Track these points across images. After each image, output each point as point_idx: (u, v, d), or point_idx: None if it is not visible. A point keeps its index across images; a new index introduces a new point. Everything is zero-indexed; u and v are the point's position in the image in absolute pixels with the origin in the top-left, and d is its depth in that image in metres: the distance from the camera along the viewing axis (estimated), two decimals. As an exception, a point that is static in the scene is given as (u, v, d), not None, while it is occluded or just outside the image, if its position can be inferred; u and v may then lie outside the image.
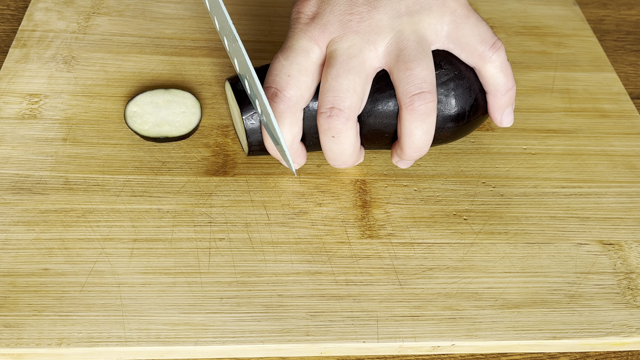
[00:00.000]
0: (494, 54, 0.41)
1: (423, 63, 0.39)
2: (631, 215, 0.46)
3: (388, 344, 0.38)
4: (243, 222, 0.43)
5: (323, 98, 0.40)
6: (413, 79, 0.39)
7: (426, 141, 0.41)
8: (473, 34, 0.41)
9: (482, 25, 0.42)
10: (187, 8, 0.58)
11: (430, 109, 0.39)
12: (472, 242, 0.43)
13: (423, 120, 0.39)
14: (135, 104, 0.48)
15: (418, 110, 0.39)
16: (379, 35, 0.40)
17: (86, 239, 0.41)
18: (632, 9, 0.66)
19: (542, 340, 0.39)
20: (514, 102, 0.44)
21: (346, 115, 0.39)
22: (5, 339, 0.36)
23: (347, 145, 0.41)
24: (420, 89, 0.39)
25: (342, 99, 0.39)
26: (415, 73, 0.39)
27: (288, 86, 0.40)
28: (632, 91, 0.57)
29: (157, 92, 0.49)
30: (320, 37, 0.41)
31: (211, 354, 0.38)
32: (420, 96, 0.39)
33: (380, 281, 0.41)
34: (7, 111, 0.48)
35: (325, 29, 0.41)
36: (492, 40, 0.41)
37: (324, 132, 0.40)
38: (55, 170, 0.44)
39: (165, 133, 0.46)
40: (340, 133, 0.40)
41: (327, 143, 0.41)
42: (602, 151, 0.50)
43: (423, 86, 0.39)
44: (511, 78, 0.42)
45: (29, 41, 0.53)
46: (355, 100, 0.39)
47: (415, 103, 0.39)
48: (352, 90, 0.39)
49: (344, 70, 0.39)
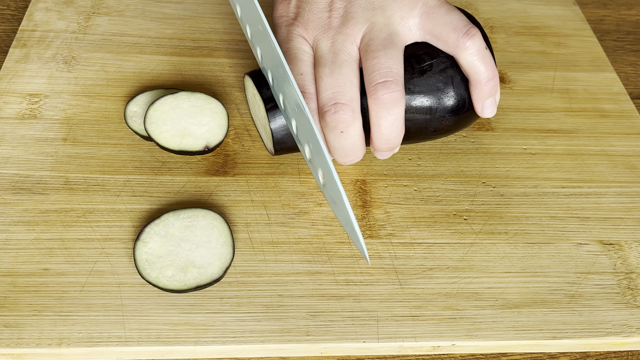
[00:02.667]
0: (467, 41, 0.40)
1: (390, 53, 0.39)
2: (631, 215, 0.46)
3: (388, 344, 0.38)
4: (243, 222, 0.43)
5: (323, 96, 0.40)
6: (378, 67, 0.39)
7: (394, 133, 0.40)
8: (444, 22, 0.41)
9: (454, 14, 0.41)
10: (187, 8, 0.58)
11: (395, 98, 0.39)
12: (472, 242, 0.43)
13: (388, 110, 0.39)
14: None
15: (382, 99, 0.39)
16: (355, 27, 0.41)
17: (86, 239, 0.41)
18: (632, 9, 0.66)
19: (542, 340, 0.39)
20: (497, 92, 0.43)
21: (351, 108, 0.39)
22: (5, 339, 0.36)
23: (356, 138, 0.40)
24: (385, 78, 0.39)
25: (342, 93, 0.39)
26: (381, 62, 0.39)
27: (306, 83, 0.40)
28: (632, 91, 0.57)
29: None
30: (306, 34, 0.42)
31: (211, 354, 0.38)
32: (384, 85, 0.39)
33: (380, 281, 0.41)
34: (7, 111, 0.48)
35: (308, 26, 0.42)
36: (465, 27, 0.41)
37: (331, 129, 0.40)
38: (55, 170, 0.44)
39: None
40: (348, 127, 0.40)
41: (336, 140, 0.40)
42: (602, 151, 0.50)
43: (388, 74, 0.39)
44: (491, 66, 0.41)
45: (29, 41, 0.53)
46: (355, 92, 0.40)
47: (379, 92, 0.39)
48: (350, 83, 0.40)
49: (335, 66, 0.40)
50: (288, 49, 0.42)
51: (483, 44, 0.41)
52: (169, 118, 0.46)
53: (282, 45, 0.42)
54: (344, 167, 0.47)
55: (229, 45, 0.55)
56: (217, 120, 0.46)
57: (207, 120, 0.46)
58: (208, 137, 0.46)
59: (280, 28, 0.43)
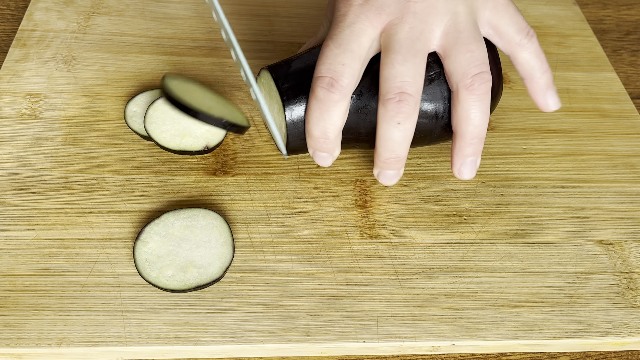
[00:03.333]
0: (529, 42, 0.42)
1: (481, 46, 0.40)
2: (631, 215, 0.46)
3: (388, 343, 0.38)
4: (243, 222, 0.43)
5: (390, 84, 0.39)
6: (473, 60, 0.39)
7: (484, 124, 0.41)
8: (512, 22, 0.42)
9: (518, 15, 0.43)
10: (187, 8, 0.58)
11: (488, 88, 0.40)
12: (472, 242, 0.43)
13: (482, 99, 0.40)
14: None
15: (479, 89, 0.39)
16: (437, 17, 0.40)
17: (86, 239, 0.41)
18: (632, 9, 0.66)
19: (542, 340, 0.39)
20: (553, 85, 0.44)
21: (415, 100, 0.39)
22: (5, 338, 0.36)
23: (409, 132, 0.40)
24: (481, 69, 0.39)
25: (410, 83, 0.39)
26: (476, 55, 0.39)
27: (344, 75, 0.39)
28: (632, 91, 0.57)
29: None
30: (377, 19, 0.40)
31: (211, 354, 0.38)
32: (480, 76, 0.39)
33: (380, 281, 0.41)
34: (7, 111, 0.48)
35: (382, 10, 0.40)
36: (527, 29, 0.42)
37: (389, 119, 0.39)
38: (55, 170, 0.44)
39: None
40: (407, 119, 0.39)
41: (389, 132, 0.40)
42: (602, 151, 0.50)
43: (482, 66, 0.39)
44: (545, 62, 0.43)
45: (29, 41, 0.53)
46: (421, 85, 0.39)
47: (476, 83, 0.39)
48: (419, 75, 0.39)
49: (410, 54, 0.39)
50: (343, 32, 0.40)
51: (536, 44, 0.43)
52: (169, 118, 0.46)
53: (339, 25, 0.40)
54: (345, 166, 0.47)
55: (229, 45, 0.55)
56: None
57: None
58: (208, 137, 0.46)
59: (347, 6, 0.41)
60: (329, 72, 0.39)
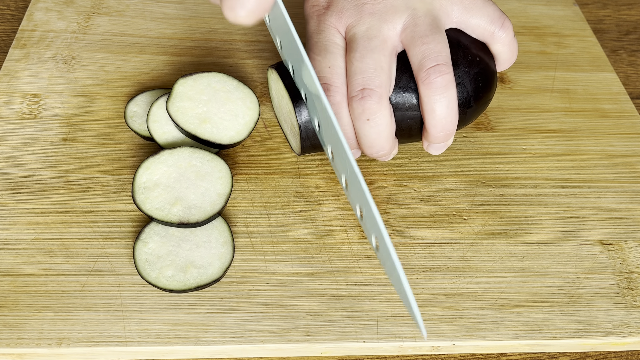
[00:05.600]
0: (503, 34, 0.43)
1: (438, 37, 0.40)
2: (631, 215, 0.46)
3: (388, 343, 0.38)
4: (243, 222, 0.43)
5: (352, 82, 0.40)
6: (428, 52, 0.39)
7: (449, 117, 0.40)
8: (482, 14, 0.42)
9: (489, 6, 0.43)
10: (187, 8, 0.58)
11: (448, 80, 0.39)
12: (472, 242, 0.43)
13: (442, 93, 0.40)
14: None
15: (435, 83, 0.39)
16: (395, 14, 0.40)
17: (86, 239, 0.41)
18: (632, 9, 0.66)
19: (542, 340, 0.39)
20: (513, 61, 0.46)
21: (378, 94, 0.39)
22: (5, 339, 0.36)
23: (382, 127, 0.40)
24: (436, 62, 0.39)
25: (370, 78, 0.39)
26: (431, 47, 0.40)
27: (334, 76, 0.40)
28: (632, 91, 0.57)
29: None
30: (339, 23, 0.41)
31: (211, 354, 0.38)
32: (436, 69, 0.39)
33: (380, 281, 0.41)
34: (7, 111, 0.48)
35: (342, 14, 0.41)
36: (501, 20, 0.43)
37: (358, 116, 0.40)
38: (55, 170, 0.44)
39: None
40: (374, 114, 0.39)
41: (362, 128, 0.40)
42: (602, 151, 0.50)
43: (438, 58, 0.39)
44: (515, 52, 0.45)
45: (29, 41, 0.53)
46: (385, 79, 0.40)
47: (431, 76, 0.39)
48: (380, 69, 0.39)
49: (367, 51, 0.39)
50: (318, 41, 0.41)
51: (512, 34, 0.43)
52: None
53: (313, 37, 0.42)
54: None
55: (229, 45, 0.55)
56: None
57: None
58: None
59: (312, 19, 0.43)
60: (321, 79, 0.40)
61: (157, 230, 0.40)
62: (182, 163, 0.42)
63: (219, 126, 0.44)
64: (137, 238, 0.40)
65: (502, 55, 0.44)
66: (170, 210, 0.40)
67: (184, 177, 0.42)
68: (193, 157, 0.42)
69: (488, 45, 0.44)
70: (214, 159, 0.43)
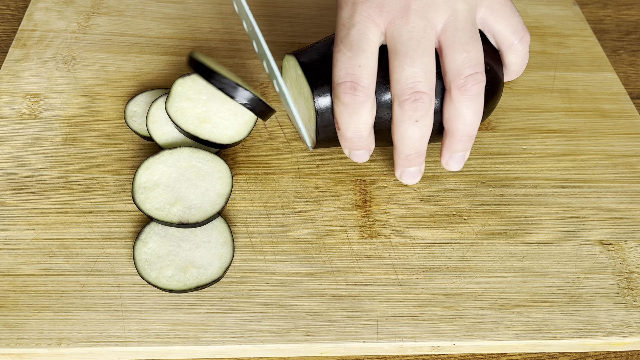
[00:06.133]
0: (520, 46, 0.43)
1: (478, 46, 0.40)
2: (631, 215, 0.46)
3: (388, 344, 0.38)
4: (243, 222, 0.43)
5: (403, 85, 0.39)
6: (469, 60, 0.39)
7: (475, 123, 0.41)
8: (507, 23, 0.42)
9: (515, 16, 0.42)
10: (187, 8, 0.58)
11: (481, 89, 0.40)
12: (472, 242, 0.43)
13: (474, 100, 0.40)
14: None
15: (471, 90, 0.39)
16: (437, 13, 0.40)
17: (86, 239, 0.41)
18: (632, 9, 0.66)
19: (542, 340, 0.39)
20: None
21: (429, 97, 0.39)
22: (5, 339, 0.36)
23: (427, 129, 0.41)
24: (475, 70, 0.39)
25: (422, 82, 0.39)
26: (472, 55, 0.40)
27: (362, 76, 0.39)
28: (632, 91, 0.57)
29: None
30: (378, 17, 0.40)
31: (211, 354, 0.38)
32: (474, 77, 0.39)
33: (380, 281, 0.41)
34: (7, 111, 0.48)
35: (383, 8, 0.40)
36: (522, 32, 0.42)
37: (407, 118, 0.40)
38: (55, 170, 0.44)
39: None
40: (424, 116, 0.40)
41: (409, 130, 0.40)
42: (602, 151, 0.50)
43: (477, 67, 0.40)
44: (525, 65, 0.44)
45: (29, 41, 0.53)
46: (434, 82, 0.40)
47: (469, 83, 0.39)
48: (431, 72, 0.39)
49: (418, 54, 0.39)
50: (349, 34, 0.40)
51: (528, 48, 0.43)
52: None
53: (345, 28, 0.40)
54: (345, 166, 0.47)
55: (229, 45, 0.55)
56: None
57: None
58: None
59: (347, 5, 0.41)
60: (348, 76, 0.39)
61: (157, 230, 0.40)
62: (182, 163, 0.42)
63: (218, 126, 0.44)
64: (137, 238, 0.40)
65: (513, 67, 0.44)
66: (170, 210, 0.40)
67: (184, 177, 0.42)
68: (193, 157, 0.42)
69: (502, 54, 0.43)
70: (214, 159, 0.43)
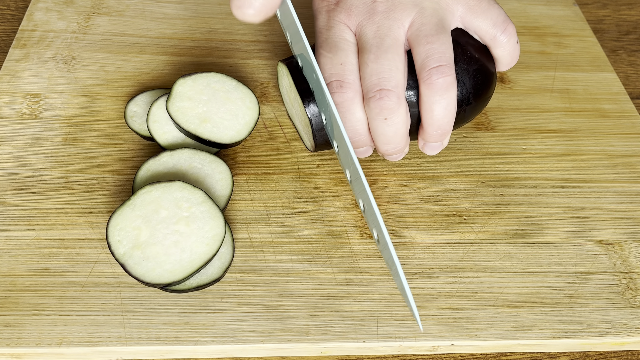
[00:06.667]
0: (504, 38, 0.43)
1: (442, 38, 0.40)
2: (631, 215, 0.46)
3: (388, 343, 0.38)
4: (243, 222, 0.43)
5: (368, 82, 0.40)
6: (432, 52, 0.39)
7: (446, 118, 0.41)
8: (485, 17, 0.42)
9: (494, 9, 0.42)
10: (187, 8, 0.58)
11: (449, 82, 0.40)
12: (472, 242, 0.43)
13: (442, 95, 0.40)
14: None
15: (436, 84, 0.39)
16: (403, 12, 0.41)
17: (86, 239, 0.41)
18: (632, 9, 0.66)
19: (542, 340, 0.39)
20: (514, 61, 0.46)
21: (396, 94, 0.39)
22: (5, 338, 0.36)
23: (399, 125, 0.41)
24: (439, 62, 0.39)
25: (387, 79, 0.39)
26: (435, 47, 0.40)
27: (346, 72, 0.40)
28: (632, 91, 0.57)
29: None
30: (348, 20, 0.41)
31: (211, 354, 0.38)
32: (438, 69, 0.39)
33: (380, 281, 0.41)
34: (7, 111, 0.48)
35: (351, 12, 0.41)
36: (504, 24, 0.42)
37: (375, 116, 0.40)
38: (55, 170, 0.44)
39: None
40: (392, 113, 0.40)
41: (380, 127, 0.41)
42: (602, 151, 0.50)
43: (441, 59, 0.39)
44: (516, 57, 0.45)
45: (29, 41, 0.53)
46: (400, 78, 0.40)
47: (433, 76, 0.39)
48: (395, 69, 0.40)
49: (381, 51, 0.40)
50: (328, 38, 0.41)
51: (514, 39, 0.43)
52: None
53: (322, 33, 0.42)
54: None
55: (229, 45, 0.55)
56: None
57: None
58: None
59: (321, 14, 0.43)
60: (333, 75, 0.40)
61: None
62: (183, 165, 0.42)
63: (219, 126, 0.44)
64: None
65: (502, 60, 0.44)
66: None
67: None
68: (193, 159, 0.42)
69: (490, 49, 0.44)
70: (215, 160, 0.43)
